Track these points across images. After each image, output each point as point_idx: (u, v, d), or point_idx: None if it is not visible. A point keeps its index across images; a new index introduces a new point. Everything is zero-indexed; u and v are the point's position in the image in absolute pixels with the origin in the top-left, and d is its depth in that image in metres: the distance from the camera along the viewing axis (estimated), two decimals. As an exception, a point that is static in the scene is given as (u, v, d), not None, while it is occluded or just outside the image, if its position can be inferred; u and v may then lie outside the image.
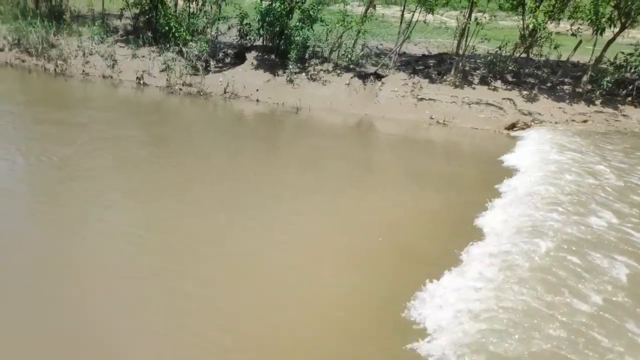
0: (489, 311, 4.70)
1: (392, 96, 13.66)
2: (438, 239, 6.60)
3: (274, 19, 14.11)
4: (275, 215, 6.98)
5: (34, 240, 6.01)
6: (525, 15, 13.55)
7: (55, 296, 5.03)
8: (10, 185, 7.32)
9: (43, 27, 15.48)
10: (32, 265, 5.46)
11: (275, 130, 12.13)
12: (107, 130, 10.05)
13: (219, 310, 5.01)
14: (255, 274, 5.62)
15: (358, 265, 5.93)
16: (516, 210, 6.97)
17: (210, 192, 7.70)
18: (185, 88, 13.90)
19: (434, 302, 5.01)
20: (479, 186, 8.77)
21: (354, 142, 11.61)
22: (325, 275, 5.69)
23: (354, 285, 5.53)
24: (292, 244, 6.29)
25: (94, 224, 6.40)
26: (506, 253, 5.75)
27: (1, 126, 9.74)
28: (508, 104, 13.18)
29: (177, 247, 6.01)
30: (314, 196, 7.80)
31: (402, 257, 6.10)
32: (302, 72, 14.56)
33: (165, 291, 5.19)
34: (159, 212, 6.85)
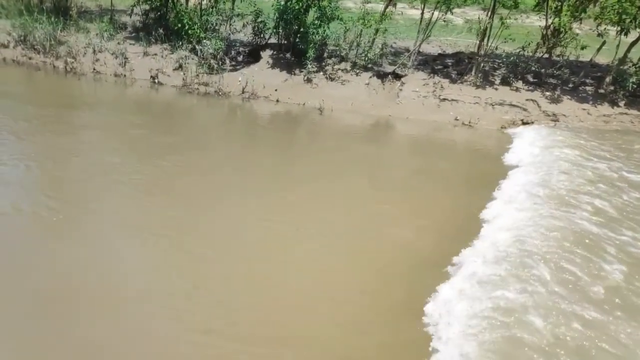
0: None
1: (414, 96, 13.43)
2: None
3: (292, 16, 13.75)
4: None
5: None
6: (548, 15, 13.36)
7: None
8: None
9: (49, 23, 14.97)
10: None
11: (310, 134, 11.85)
12: (152, 137, 9.86)
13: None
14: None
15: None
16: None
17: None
18: (201, 87, 13.52)
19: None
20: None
21: (391, 148, 11.37)
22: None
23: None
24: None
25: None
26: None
27: (47, 133, 9.41)
28: (532, 105, 13.02)
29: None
30: (356, 208, 7.59)
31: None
32: (320, 71, 14.25)
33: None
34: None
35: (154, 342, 4.75)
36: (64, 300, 5.16)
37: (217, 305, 5.25)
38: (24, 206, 6.76)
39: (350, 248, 6.49)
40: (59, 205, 6.79)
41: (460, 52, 16.04)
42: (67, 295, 5.25)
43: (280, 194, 7.85)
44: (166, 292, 5.40)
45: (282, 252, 6.30)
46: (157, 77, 13.84)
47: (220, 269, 5.88)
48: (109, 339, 4.71)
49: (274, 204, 7.53)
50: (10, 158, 8.12)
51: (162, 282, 5.58)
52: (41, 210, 6.63)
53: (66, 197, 7.16)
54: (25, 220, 6.52)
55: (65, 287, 5.37)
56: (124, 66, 14.34)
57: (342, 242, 6.60)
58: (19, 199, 6.90)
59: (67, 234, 6.28)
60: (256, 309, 5.24)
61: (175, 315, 5.05)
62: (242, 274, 5.82)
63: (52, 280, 5.44)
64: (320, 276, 5.88)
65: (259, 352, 4.69)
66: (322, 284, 5.74)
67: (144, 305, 5.20)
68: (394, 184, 8.79)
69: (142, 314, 5.09)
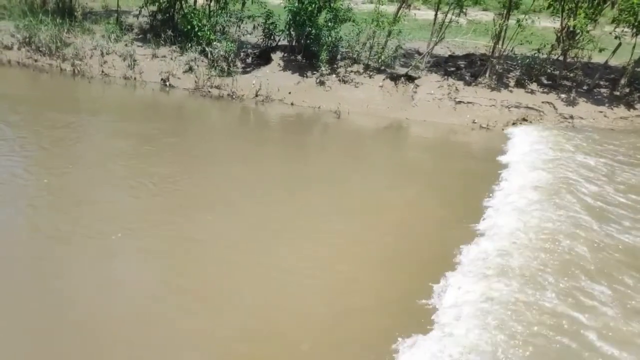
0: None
1: (429, 99, 13.30)
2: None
3: (305, 18, 13.55)
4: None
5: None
6: (563, 16, 13.30)
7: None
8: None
9: (54, 25, 14.64)
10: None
11: (333, 139, 11.67)
12: (186, 145, 9.72)
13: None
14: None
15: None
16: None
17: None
18: (213, 90, 13.28)
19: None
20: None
21: (421, 152, 11.18)
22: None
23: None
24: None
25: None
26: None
27: (87, 141, 9.23)
28: (548, 107, 12.95)
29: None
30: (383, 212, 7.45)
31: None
32: (332, 73, 14.07)
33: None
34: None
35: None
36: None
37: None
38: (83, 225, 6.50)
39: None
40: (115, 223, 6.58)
41: (471, 54, 15.96)
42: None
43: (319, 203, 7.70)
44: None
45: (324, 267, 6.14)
46: (168, 80, 13.58)
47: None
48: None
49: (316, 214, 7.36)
50: (59, 168, 7.93)
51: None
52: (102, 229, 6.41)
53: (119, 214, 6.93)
54: (83, 241, 6.24)
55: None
56: (132, 69, 14.05)
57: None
58: (77, 217, 6.65)
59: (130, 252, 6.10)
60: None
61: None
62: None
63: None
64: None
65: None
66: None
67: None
68: (437, 191, 8.63)
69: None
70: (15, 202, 6.83)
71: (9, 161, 7.98)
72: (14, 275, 5.49)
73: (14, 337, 4.70)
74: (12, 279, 5.44)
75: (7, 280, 5.40)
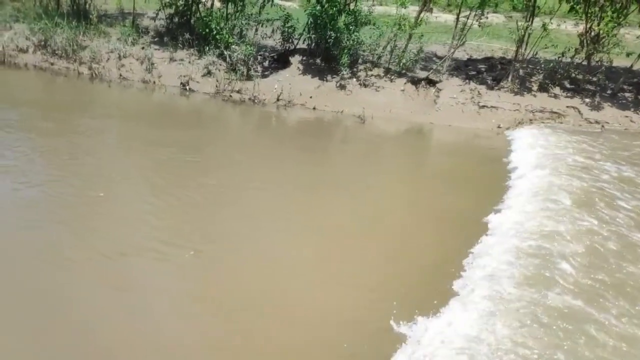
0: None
1: (452, 103, 13.16)
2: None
3: (327, 21, 13.39)
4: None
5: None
6: (587, 20, 13.17)
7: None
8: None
9: (70, 28, 14.47)
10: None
11: (363, 144, 11.35)
12: (230, 154, 9.59)
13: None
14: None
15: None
16: None
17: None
18: (234, 95, 13.11)
19: None
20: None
21: (458, 159, 10.89)
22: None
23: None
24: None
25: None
26: None
27: (127, 149, 9.09)
28: (573, 112, 12.83)
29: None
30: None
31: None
32: (352, 77, 13.92)
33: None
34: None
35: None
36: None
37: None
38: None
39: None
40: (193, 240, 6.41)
41: (491, 58, 15.83)
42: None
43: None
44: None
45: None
46: (187, 83, 13.41)
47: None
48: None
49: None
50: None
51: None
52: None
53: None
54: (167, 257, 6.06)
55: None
56: (150, 72, 13.87)
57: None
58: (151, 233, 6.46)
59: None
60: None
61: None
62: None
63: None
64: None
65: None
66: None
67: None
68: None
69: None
70: (80, 218, 6.62)
71: (61, 171, 7.78)
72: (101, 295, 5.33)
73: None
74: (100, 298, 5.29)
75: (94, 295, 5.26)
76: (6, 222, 6.39)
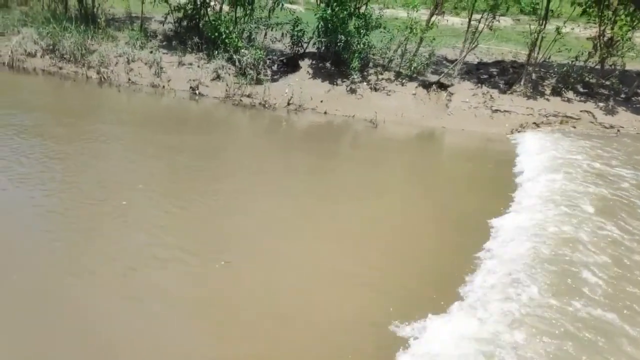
0: None
1: (464, 107, 13.02)
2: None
3: (338, 24, 13.28)
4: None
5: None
6: (601, 23, 13.03)
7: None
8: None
9: (78, 32, 14.38)
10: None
11: (380, 150, 11.14)
12: (235, 158, 9.52)
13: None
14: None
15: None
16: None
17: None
18: (244, 99, 13.01)
19: None
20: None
21: (476, 164, 10.78)
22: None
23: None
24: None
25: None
26: None
27: (144, 154, 8.95)
28: (587, 116, 12.68)
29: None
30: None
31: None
32: (363, 81, 13.80)
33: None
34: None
35: None
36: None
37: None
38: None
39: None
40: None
41: (502, 61, 15.70)
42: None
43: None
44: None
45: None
46: (197, 88, 13.30)
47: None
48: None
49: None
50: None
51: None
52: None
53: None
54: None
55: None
56: (159, 76, 13.78)
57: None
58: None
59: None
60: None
61: None
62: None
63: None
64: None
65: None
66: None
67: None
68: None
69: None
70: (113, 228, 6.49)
71: (79, 179, 7.64)
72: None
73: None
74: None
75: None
76: (27, 233, 6.21)
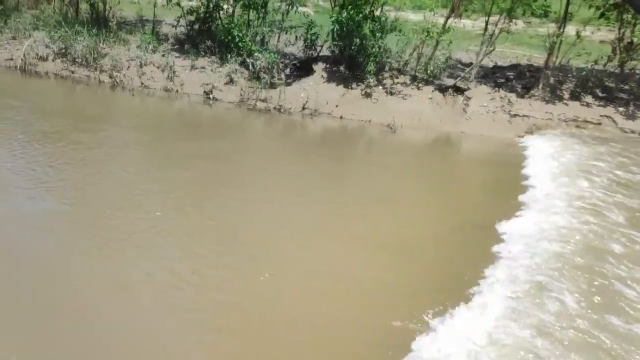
0: None
1: (482, 112, 12.83)
2: None
3: (354, 27, 13.11)
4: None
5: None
6: (621, 27, 12.85)
7: None
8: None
9: (90, 35, 14.25)
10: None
11: (402, 157, 10.95)
12: (261, 165, 9.40)
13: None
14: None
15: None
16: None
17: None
18: (259, 103, 12.84)
19: None
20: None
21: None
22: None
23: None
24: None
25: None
26: None
27: (170, 161, 8.80)
28: (607, 121, 12.48)
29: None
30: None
31: None
32: (378, 85, 13.62)
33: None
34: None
35: None
36: None
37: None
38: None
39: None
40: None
41: (518, 65, 15.51)
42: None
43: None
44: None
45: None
46: (211, 92, 13.14)
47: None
48: None
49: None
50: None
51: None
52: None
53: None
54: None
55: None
56: (172, 80, 13.63)
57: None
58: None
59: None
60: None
61: None
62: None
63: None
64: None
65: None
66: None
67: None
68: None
69: None
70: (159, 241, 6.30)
71: (108, 188, 7.47)
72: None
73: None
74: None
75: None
76: (63, 247, 5.97)
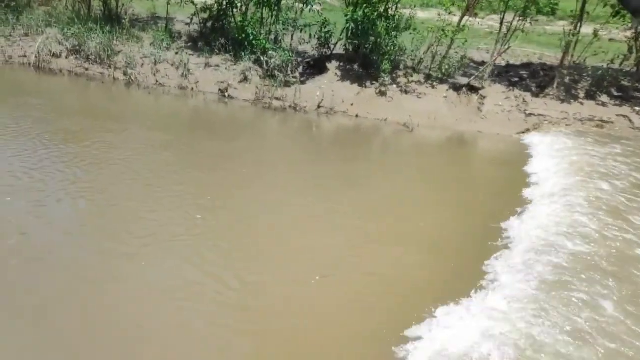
0: None
1: (498, 111, 12.81)
2: None
3: (369, 26, 13.08)
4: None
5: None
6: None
7: None
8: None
9: (103, 32, 14.24)
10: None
11: (422, 157, 10.93)
12: (289, 166, 9.44)
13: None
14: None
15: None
16: None
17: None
18: (274, 102, 12.82)
19: None
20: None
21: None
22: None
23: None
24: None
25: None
26: None
27: (201, 161, 8.78)
28: (623, 120, 12.46)
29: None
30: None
31: None
32: (393, 83, 13.60)
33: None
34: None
35: None
36: None
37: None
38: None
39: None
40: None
41: (532, 63, 15.47)
42: None
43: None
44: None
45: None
46: (227, 90, 13.12)
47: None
48: None
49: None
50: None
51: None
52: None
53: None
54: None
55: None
56: (187, 78, 13.62)
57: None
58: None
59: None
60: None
61: None
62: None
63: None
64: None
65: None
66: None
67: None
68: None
69: None
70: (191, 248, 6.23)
71: (141, 190, 7.41)
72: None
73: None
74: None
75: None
76: (103, 253, 5.92)
